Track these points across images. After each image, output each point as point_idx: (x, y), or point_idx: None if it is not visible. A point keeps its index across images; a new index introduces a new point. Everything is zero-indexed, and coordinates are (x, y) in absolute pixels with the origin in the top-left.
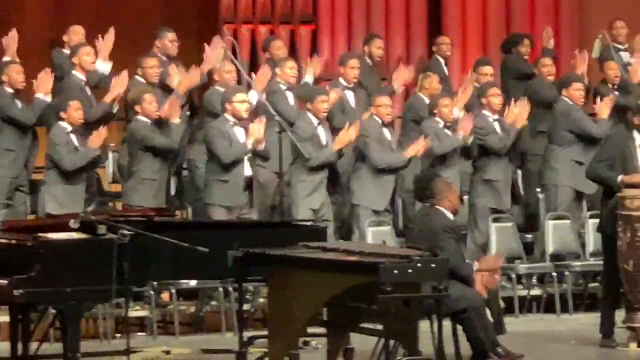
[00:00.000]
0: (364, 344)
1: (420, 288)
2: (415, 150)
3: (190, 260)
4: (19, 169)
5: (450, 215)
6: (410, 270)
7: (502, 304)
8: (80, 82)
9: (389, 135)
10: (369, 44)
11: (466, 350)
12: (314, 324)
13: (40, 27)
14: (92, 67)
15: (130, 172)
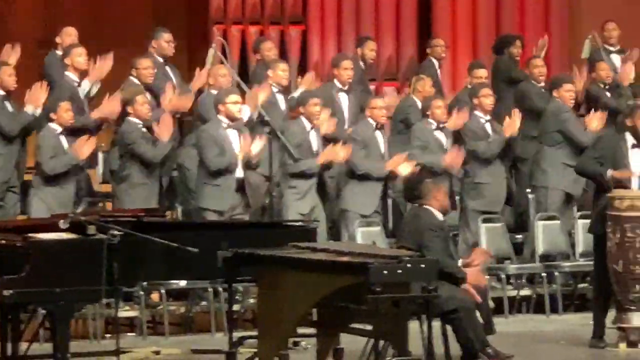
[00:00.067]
0: (354, 344)
1: (409, 288)
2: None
3: (180, 261)
4: (9, 172)
5: (440, 216)
6: (399, 271)
7: (492, 304)
8: (73, 83)
9: (381, 138)
10: (362, 46)
11: (456, 350)
12: (304, 324)
13: (30, 28)
14: (85, 67)
15: (121, 176)
